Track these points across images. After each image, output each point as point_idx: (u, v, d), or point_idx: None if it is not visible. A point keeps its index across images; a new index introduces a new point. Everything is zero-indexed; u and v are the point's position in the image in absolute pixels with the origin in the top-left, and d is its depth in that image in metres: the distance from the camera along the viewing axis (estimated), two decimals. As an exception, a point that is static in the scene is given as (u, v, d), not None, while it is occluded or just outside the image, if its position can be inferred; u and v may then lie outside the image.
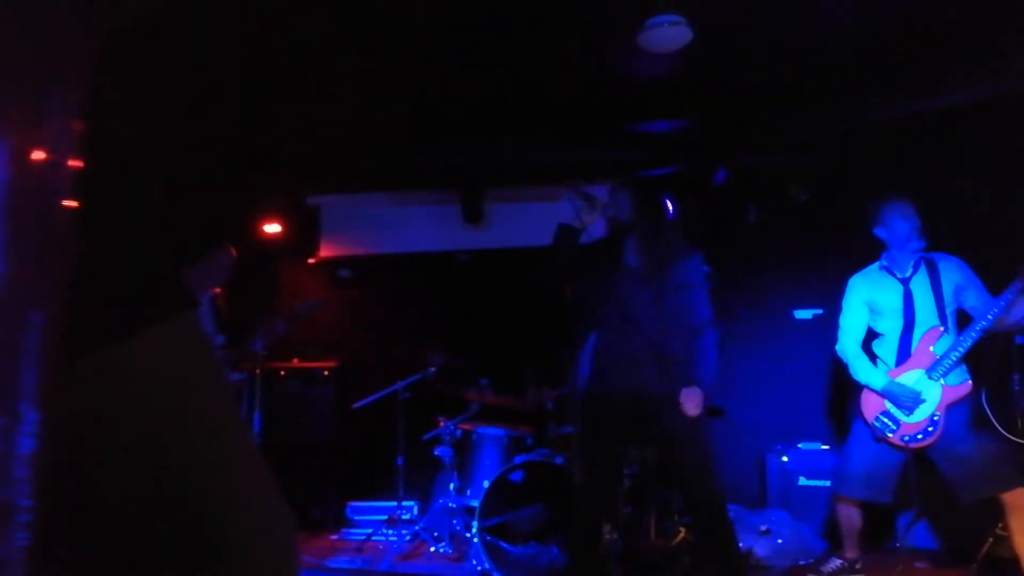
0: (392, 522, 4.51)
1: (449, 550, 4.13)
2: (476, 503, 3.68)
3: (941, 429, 3.16)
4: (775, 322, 4.91)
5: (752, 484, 4.61)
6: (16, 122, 0.81)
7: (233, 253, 4.20)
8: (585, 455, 2.97)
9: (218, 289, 4.18)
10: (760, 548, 3.77)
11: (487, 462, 4.10)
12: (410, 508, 4.67)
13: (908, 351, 3.29)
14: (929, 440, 3.18)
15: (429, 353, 4.50)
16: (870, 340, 3.48)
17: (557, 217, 3.05)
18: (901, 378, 3.26)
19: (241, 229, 5.34)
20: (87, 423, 0.96)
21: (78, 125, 0.85)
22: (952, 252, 3.34)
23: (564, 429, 3.98)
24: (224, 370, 1.72)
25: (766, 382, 4.84)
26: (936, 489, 3.32)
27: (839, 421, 4.41)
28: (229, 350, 3.96)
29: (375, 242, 5.61)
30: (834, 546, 3.70)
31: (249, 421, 3.45)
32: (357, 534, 4.60)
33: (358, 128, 4.45)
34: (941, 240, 3.37)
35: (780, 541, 3.81)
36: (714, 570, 2.99)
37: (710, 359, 2.94)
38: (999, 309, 3.07)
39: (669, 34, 3.23)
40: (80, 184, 0.86)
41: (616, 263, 3.01)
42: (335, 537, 4.62)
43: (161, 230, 1.06)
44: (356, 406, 4.48)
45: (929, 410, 3.19)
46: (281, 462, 4.52)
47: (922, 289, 3.29)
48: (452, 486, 4.19)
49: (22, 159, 0.79)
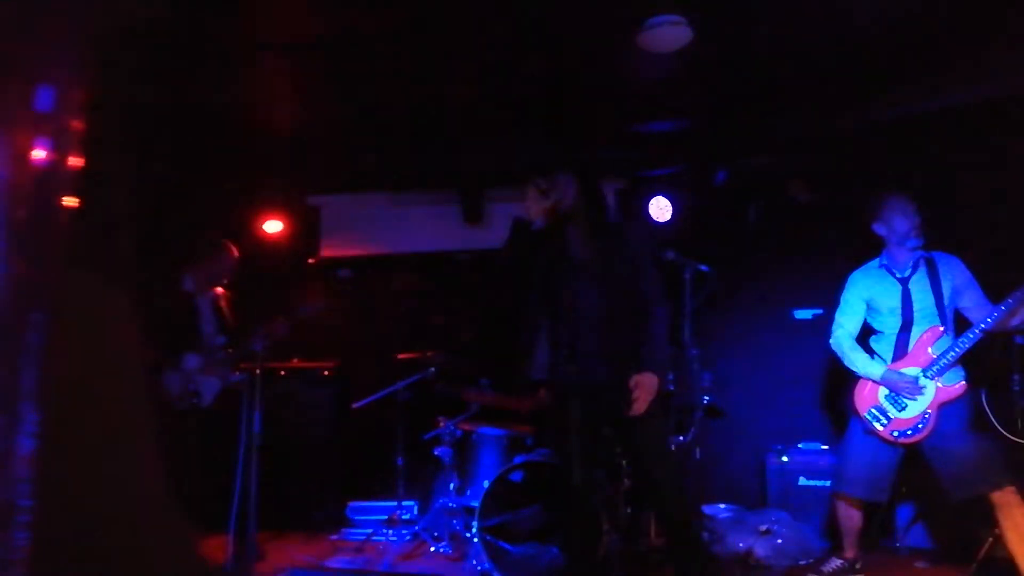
0: (392, 522, 4.51)
1: (449, 550, 4.13)
2: (476, 503, 3.68)
3: (931, 427, 3.16)
4: (775, 322, 4.91)
5: (752, 484, 4.60)
6: (16, 122, 0.81)
7: (234, 253, 4.21)
8: (559, 444, 2.92)
9: (220, 289, 4.19)
10: (760, 548, 3.77)
11: (487, 462, 4.09)
12: (410, 508, 4.66)
13: (905, 349, 3.30)
14: (918, 437, 3.19)
15: (429, 353, 4.49)
16: (866, 337, 3.48)
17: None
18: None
19: (241, 229, 5.34)
20: None
21: (78, 125, 0.86)
22: (952, 252, 3.33)
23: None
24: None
25: (766, 382, 4.84)
26: (930, 487, 3.32)
27: (838, 421, 4.41)
28: (230, 350, 3.96)
29: (375, 242, 5.61)
30: (834, 546, 3.70)
31: (250, 421, 3.44)
32: (357, 534, 4.59)
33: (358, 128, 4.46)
34: (941, 240, 3.37)
35: (780, 541, 3.81)
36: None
37: (660, 338, 2.87)
38: (999, 313, 3.06)
39: (669, 34, 3.23)
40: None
41: (560, 252, 2.95)
42: (335, 537, 4.61)
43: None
44: (356, 406, 4.47)
45: (921, 407, 3.19)
46: (281, 462, 4.57)
47: (921, 289, 3.29)
48: (452, 486, 4.18)
49: (22, 159, 0.79)
